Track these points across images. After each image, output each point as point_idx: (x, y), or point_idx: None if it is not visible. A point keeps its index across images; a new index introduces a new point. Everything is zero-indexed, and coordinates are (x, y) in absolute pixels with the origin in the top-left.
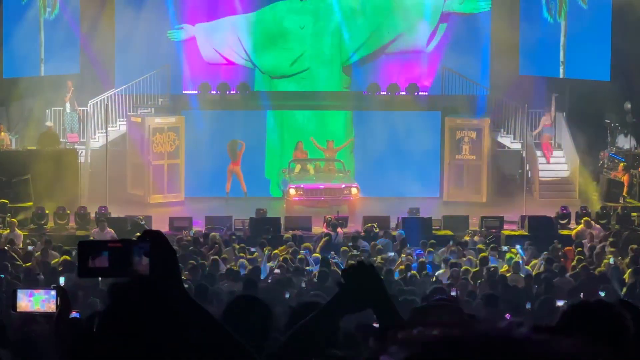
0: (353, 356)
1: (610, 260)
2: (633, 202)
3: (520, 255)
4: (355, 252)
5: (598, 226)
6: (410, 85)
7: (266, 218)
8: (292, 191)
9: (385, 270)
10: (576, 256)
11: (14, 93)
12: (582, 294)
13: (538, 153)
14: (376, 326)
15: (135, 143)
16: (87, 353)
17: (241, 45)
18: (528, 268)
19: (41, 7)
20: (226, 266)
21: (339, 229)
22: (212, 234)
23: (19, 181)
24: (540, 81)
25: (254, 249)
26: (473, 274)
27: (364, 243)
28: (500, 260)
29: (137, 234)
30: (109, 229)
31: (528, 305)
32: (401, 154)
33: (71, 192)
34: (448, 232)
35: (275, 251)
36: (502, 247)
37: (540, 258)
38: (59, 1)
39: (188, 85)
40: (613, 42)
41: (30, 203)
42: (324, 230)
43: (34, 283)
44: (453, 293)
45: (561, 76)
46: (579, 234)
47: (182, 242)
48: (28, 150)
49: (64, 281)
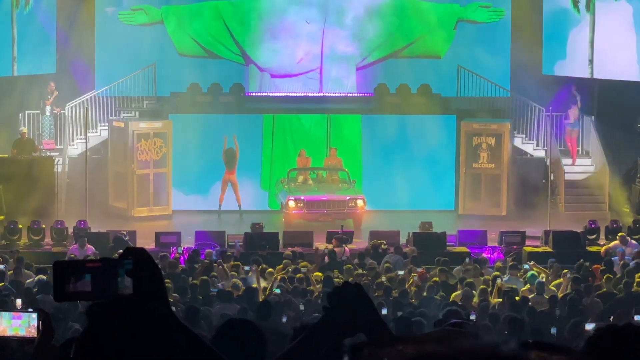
0: None
1: None
2: None
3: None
4: (361, 271)
5: (634, 242)
6: (422, 86)
7: (263, 233)
8: (292, 203)
9: (396, 290)
10: (605, 275)
11: None
12: (613, 317)
13: (564, 161)
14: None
15: (117, 150)
16: None
17: (231, 35)
18: (552, 288)
19: (14, 1)
20: (218, 286)
21: (345, 246)
22: (206, 252)
23: None
24: (565, 81)
25: (248, 268)
26: (493, 295)
27: (371, 261)
28: (521, 279)
29: (120, 251)
30: (89, 246)
31: (553, 329)
32: (412, 163)
33: (47, 205)
34: (464, 249)
35: (269, 269)
36: (523, 265)
37: (565, 277)
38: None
39: (176, 86)
40: None
41: (1, 217)
42: (328, 247)
43: (7, 305)
44: (473, 316)
45: (589, 76)
46: (610, 251)
47: (170, 260)
48: None
49: (39, 303)
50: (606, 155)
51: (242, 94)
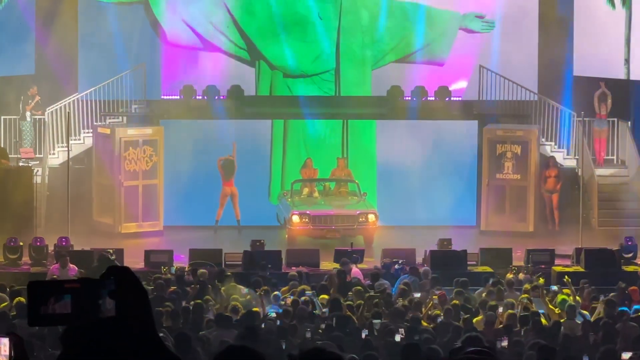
0: None
1: None
2: None
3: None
4: (372, 293)
5: None
6: (440, 88)
7: (264, 251)
8: (296, 218)
9: (410, 315)
10: None
11: None
12: None
13: (598, 171)
14: None
15: (103, 160)
16: None
17: (235, 26)
18: (585, 312)
19: None
20: (215, 310)
21: (355, 265)
22: (200, 272)
23: None
24: (598, 83)
25: (246, 290)
26: (519, 320)
27: (385, 282)
28: (550, 303)
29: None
30: (72, 265)
31: (585, 358)
32: (429, 173)
33: (24, 220)
34: (486, 269)
35: (275, 292)
36: (552, 287)
37: (599, 300)
38: None
39: (168, 88)
40: None
41: None
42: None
43: None
44: (505, 343)
45: (624, 77)
46: None
47: (160, 281)
48: None
49: (17, 329)
50: None
51: (242, 96)
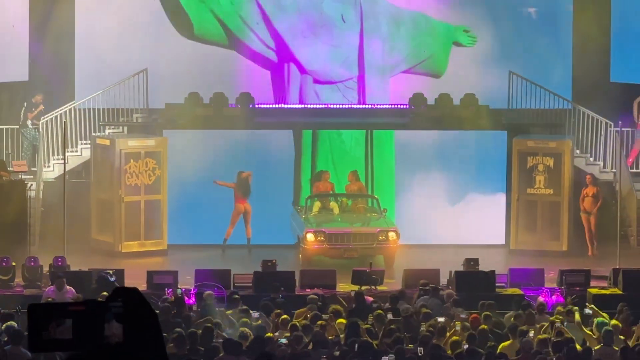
0: None
1: None
2: None
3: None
4: (394, 318)
5: None
6: (465, 95)
7: (276, 272)
8: (310, 237)
9: (432, 342)
10: None
11: None
12: None
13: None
14: None
15: (102, 173)
16: None
17: (266, 23)
18: (622, 338)
19: None
20: (223, 335)
21: (374, 287)
22: (206, 294)
23: None
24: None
25: (258, 314)
26: (552, 346)
27: (406, 306)
28: (585, 327)
29: (105, 293)
30: (69, 287)
31: None
32: (454, 187)
33: (17, 238)
34: (516, 291)
35: (283, 316)
36: (586, 310)
37: (639, 324)
38: None
39: (172, 96)
40: None
41: None
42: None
43: None
44: None
45: None
46: None
47: (165, 304)
48: None
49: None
50: None
51: (253, 105)
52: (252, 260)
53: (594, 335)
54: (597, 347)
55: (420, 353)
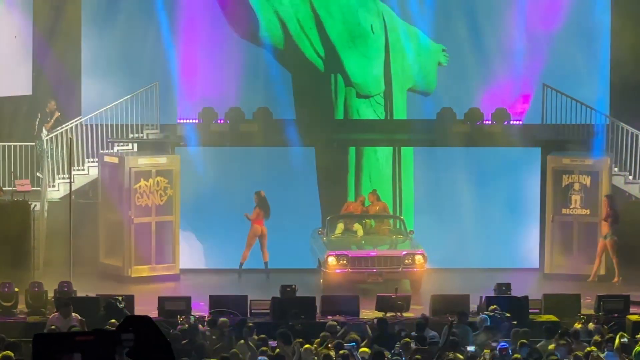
0: None
1: None
2: None
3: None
4: (421, 347)
5: None
6: (497, 110)
7: (295, 298)
8: (332, 260)
9: None
10: None
11: None
12: None
13: None
14: None
15: (110, 193)
16: None
17: (318, 28)
18: None
19: None
20: None
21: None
22: (221, 321)
23: None
24: None
25: (276, 343)
26: None
27: (433, 333)
28: (625, 356)
29: (113, 321)
30: (75, 315)
31: None
32: (485, 208)
33: (20, 262)
34: (551, 318)
35: (306, 346)
36: (623, 339)
37: None
38: (5, 0)
39: (185, 111)
40: None
41: None
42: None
43: None
44: None
45: None
46: None
47: (174, 332)
48: None
49: None
50: None
51: (271, 119)
52: (271, 285)
53: None
54: None
55: None
